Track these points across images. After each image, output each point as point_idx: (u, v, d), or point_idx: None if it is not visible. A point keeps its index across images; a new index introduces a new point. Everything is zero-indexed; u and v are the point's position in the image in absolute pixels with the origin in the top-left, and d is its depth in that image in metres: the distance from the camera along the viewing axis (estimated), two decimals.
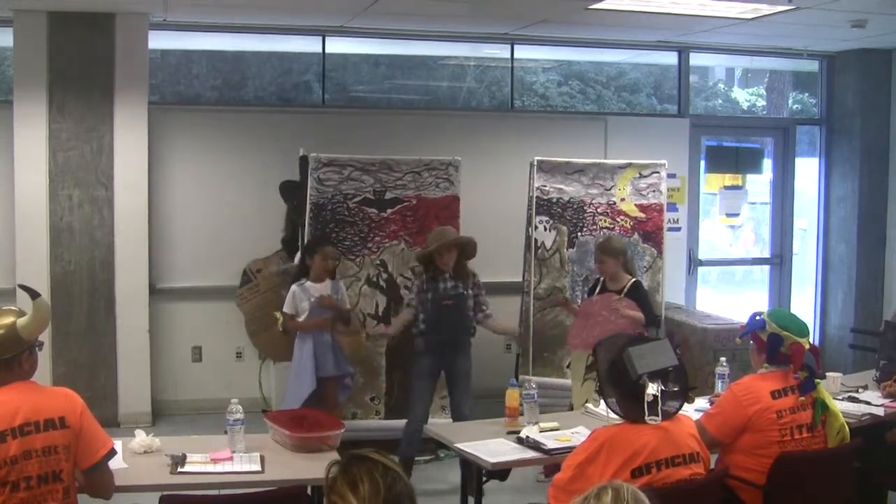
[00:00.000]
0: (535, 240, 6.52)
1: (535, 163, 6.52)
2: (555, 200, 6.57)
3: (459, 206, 6.30)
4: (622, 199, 6.66)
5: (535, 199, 6.51)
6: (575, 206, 6.61)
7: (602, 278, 5.86)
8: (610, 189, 6.65)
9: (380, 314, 6.18)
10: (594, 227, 6.62)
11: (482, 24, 7.23)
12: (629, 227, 6.67)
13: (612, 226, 6.64)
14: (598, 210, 6.64)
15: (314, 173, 6.04)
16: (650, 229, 6.70)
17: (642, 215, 6.69)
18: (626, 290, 5.72)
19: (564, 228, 6.59)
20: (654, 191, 6.70)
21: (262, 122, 7.26)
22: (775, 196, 8.57)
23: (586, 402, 5.75)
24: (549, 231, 6.57)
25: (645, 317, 5.63)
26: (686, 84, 8.17)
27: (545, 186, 6.55)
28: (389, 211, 6.22)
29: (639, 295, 5.73)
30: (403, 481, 2.15)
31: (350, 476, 2.11)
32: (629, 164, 6.69)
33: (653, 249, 6.70)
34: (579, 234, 6.61)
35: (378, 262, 6.21)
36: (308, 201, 6.03)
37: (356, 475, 2.11)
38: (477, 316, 5.57)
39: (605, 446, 3.08)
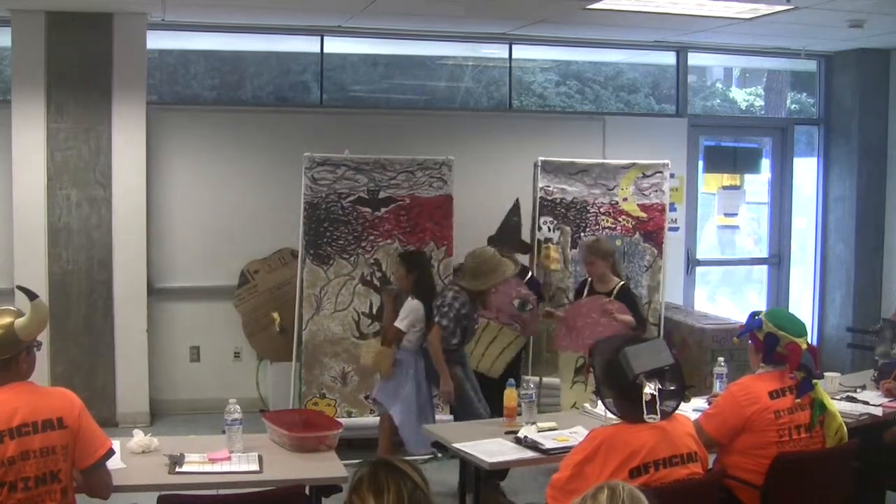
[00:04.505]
0: (539, 240, 6.51)
1: (539, 163, 6.51)
2: (558, 201, 6.56)
3: (452, 206, 6.31)
4: (624, 199, 6.65)
5: (538, 200, 6.51)
6: (578, 207, 6.61)
7: (590, 279, 5.87)
8: (612, 189, 6.65)
9: (374, 313, 6.20)
10: (597, 227, 6.61)
11: (480, 24, 7.23)
12: (631, 226, 6.66)
13: (614, 226, 6.64)
14: (601, 210, 6.64)
15: (308, 172, 6.06)
16: (651, 229, 6.70)
17: (644, 215, 6.69)
18: (615, 292, 5.72)
19: (568, 229, 6.59)
20: (656, 191, 6.69)
21: (260, 122, 7.26)
22: (773, 196, 8.58)
23: (574, 404, 5.77)
24: (553, 231, 6.56)
25: (634, 320, 5.64)
26: (684, 84, 8.17)
27: (549, 187, 6.54)
28: (383, 210, 6.23)
29: (628, 298, 5.75)
30: (429, 502, 2.08)
31: (377, 482, 2.06)
32: (633, 165, 6.68)
33: (653, 249, 6.70)
34: (582, 234, 6.61)
35: (372, 261, 6.22)
36: (302, 200, 6.05)
37: (383, 482, 2.05)
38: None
39: (603, 446, 3.08)
